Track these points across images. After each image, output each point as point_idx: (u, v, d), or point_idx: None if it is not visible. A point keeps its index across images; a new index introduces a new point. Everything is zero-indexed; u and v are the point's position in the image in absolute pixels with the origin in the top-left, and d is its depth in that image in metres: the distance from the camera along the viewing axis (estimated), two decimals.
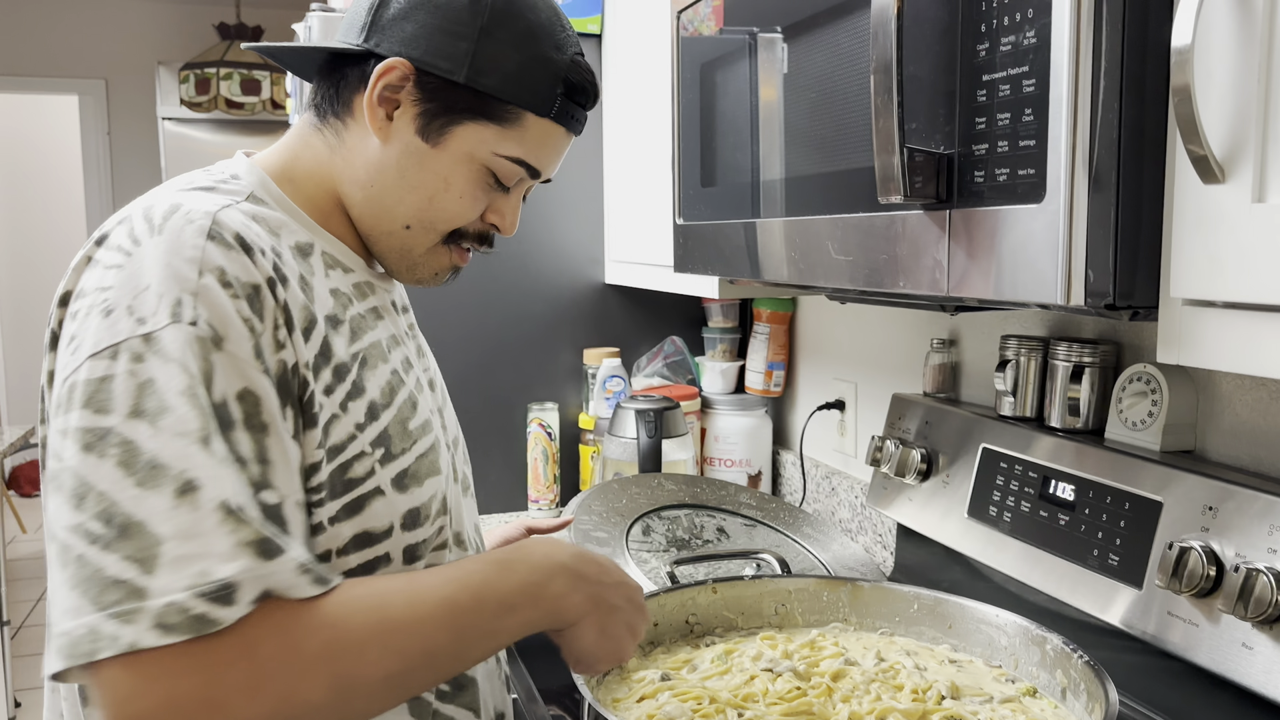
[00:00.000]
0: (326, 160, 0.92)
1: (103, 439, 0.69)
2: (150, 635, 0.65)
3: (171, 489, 0.68)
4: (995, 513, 1.26)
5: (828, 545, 1.49)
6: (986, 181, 0.78)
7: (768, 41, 1.14)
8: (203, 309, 0.73)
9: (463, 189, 0.91)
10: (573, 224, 2.08)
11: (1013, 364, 1.29)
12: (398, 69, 0.87)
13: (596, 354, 2.06)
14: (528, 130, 0.91)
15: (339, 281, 0.89)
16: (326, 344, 0.82)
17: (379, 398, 0.86)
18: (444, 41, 0.87)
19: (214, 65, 4.63)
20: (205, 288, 0.74)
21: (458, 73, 0.87)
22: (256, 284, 0.77)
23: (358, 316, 0.89)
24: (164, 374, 0.71)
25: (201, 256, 0.75)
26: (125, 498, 0.68)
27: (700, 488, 1.54)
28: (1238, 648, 0.93)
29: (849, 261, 0.98)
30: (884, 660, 1.05)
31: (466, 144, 0.89)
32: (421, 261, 0.95)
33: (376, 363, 0.88)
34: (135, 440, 0.69)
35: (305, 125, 0.95)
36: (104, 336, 0.73)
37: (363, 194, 0.91)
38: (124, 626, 0.65)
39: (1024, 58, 0.73)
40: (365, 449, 0.84)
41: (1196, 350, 0.70)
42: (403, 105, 0.89)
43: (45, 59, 5.25)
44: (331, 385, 0.82)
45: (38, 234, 6.74)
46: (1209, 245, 0.67)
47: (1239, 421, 1.07)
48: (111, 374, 0.71)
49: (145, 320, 0.72)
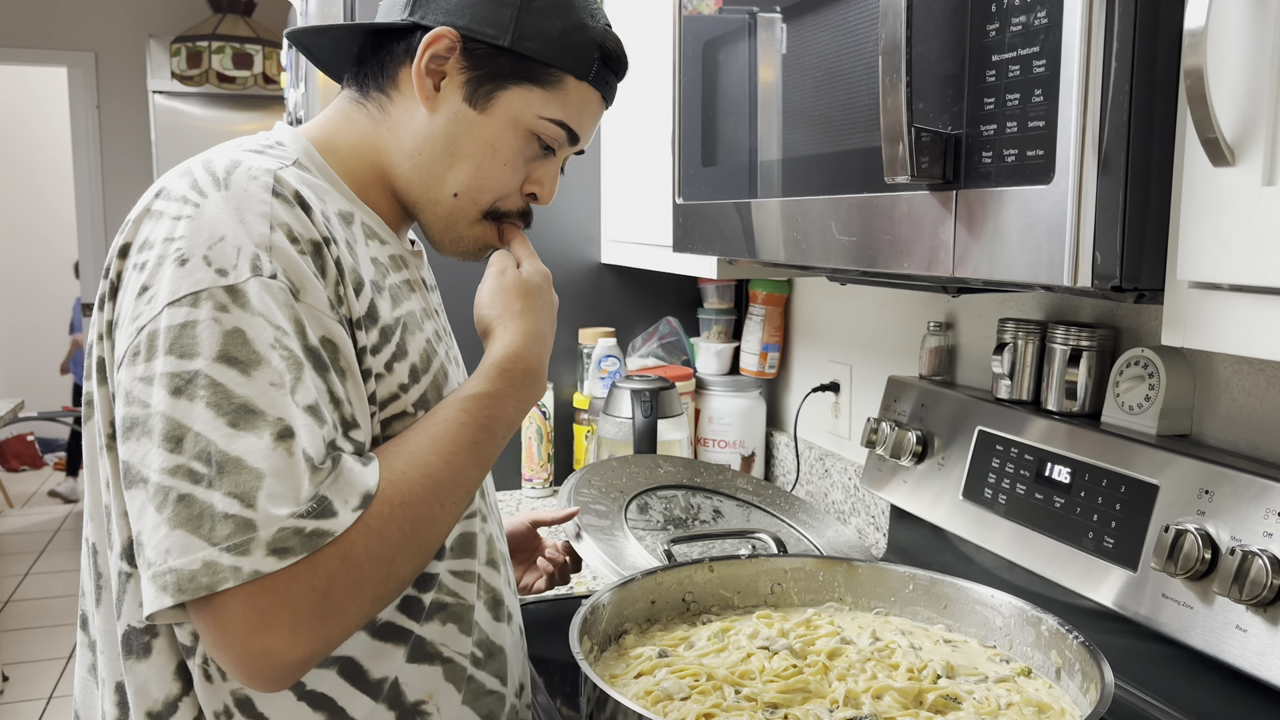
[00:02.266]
0: (371, 133, 0.95)
1: (190, 382, 0.72)
2: (269, 561, 0.70)
3: (270, 432, 0.72)
4: (990, 495, 1.27)
5: (822, 531, 1.50)
6: (994, 162, 0.78)
7: (767, 21, 1.14)
8: (278, 263, 0.77)
9: (508, 155, 0.94)
10: (569, 203, 2.08)
11: (1010, 347, 1.29)
12: (445, 38, 0.90)
13: (592, 334, 2.05)
14: (569, 93, 0.94)
15: (376, 251, 0.92)
16: (373, 305, 0.86)
17: (419, 363, 0.90)
18: (488, 9, 0.91)
19: (206, 39, 4.60)
20: (277, 243, 0.77)
21: (503, 38, 0.91)
22: (317, 241, 0.80)
23: (395, 286, 0.91)
24: (252, 326, 0.74)
25: (270, 212, 0.78)
26: (219, 437, 0.71)
27: (697, 470, 1.54)
28: (1231, 630, 0.94)
29: (852, 242, 0.98)
30: (879, 640, 1.05)
31: (512, 108, 0.93)
32: (465, 234, 0.98)
33: (414, 330, 0.91)
34: (225, 384, 0.72)
35: (345, 100, 0.97)
36: (182, 285, 0.75)
37: (410, 163, 0.94)
38: (241, 558, 0.69)
39: (1034, 38, 0.73)
40: (408, 409, 0.87)
41: (1202, 333, 0.70)
42: (449, 74, 0.92)
43: (34, 30, 5.19)
44: (379, 345, 0.85)
45: (26, 208, 6.69)
46: (1217, 228, 0.67)
47: (1236, 406, 1.08)
48: (194, 319, 0.74)
49: (227, 272, 0.75)
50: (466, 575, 0.93)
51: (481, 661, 0.95)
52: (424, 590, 0.89)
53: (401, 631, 0.88)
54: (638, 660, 1.01)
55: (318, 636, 0.73)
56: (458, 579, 0.92)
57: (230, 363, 0.73)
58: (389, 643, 0.87)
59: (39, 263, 6.68)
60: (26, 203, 6.68)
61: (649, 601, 1.11)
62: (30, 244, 6.67)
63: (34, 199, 6.68)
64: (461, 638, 0.92)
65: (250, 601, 0.70)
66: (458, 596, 0.92)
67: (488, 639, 0.95)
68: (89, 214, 5.37)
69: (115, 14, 5.28)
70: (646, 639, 1.07)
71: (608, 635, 1.05)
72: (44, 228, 6.65)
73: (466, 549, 0.94)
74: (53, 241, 6.63)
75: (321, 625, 0.73)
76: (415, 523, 0.79)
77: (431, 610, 0.90)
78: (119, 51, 5.29)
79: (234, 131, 4.95)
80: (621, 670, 1.00)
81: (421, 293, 0.97)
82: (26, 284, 6.68)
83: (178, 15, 5.30)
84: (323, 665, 0.84)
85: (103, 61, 5.30)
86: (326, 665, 0.84)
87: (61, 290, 6.61)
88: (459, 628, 0.92)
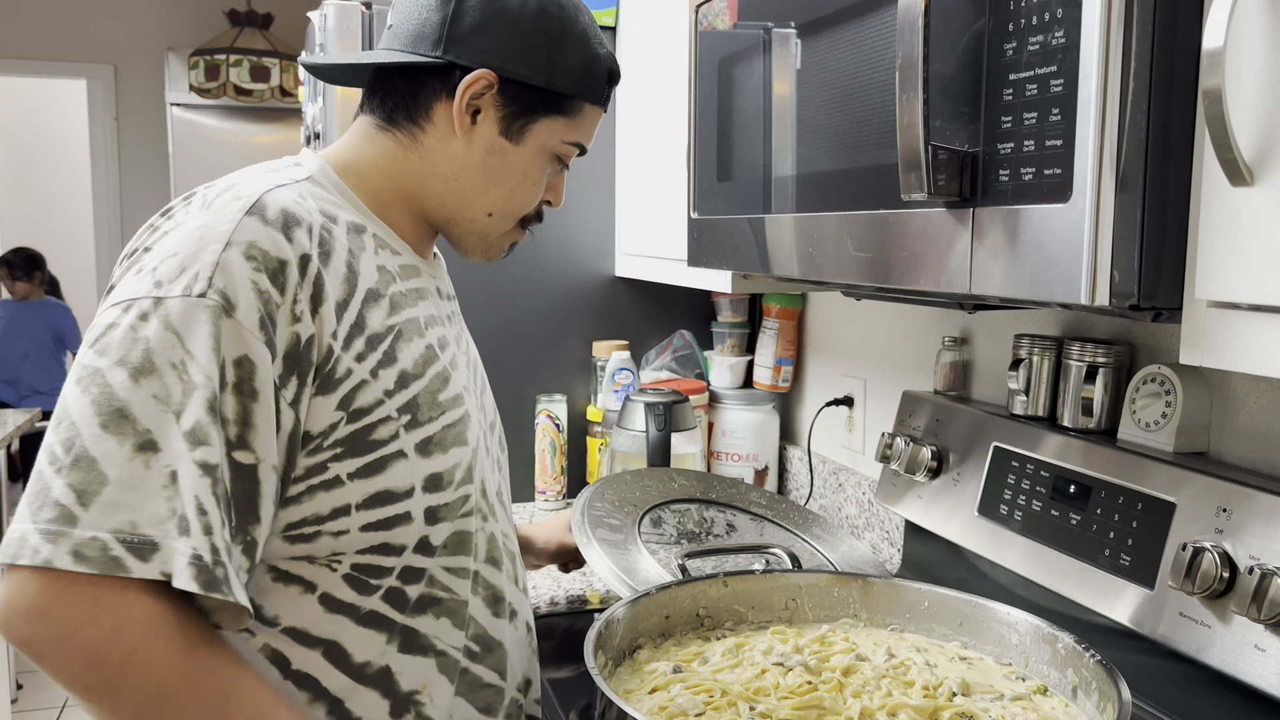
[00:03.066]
0: (400, 159, 1.01)
1: (91, 376, 0.78)
2: (65, 559, 0.73)
3: (132, 442, 0.76)
4: (1006, 511, 1.26)
5: (836, 546, 1.50)
6: (1011, 180, 0.78)
7: (782, 37, 1.14)
8: (220, 279, 0.80)
9: (537, 177, 1.04)
10: (583, 217, 2.08)
11: (1026, 363, 1.29)
12: (484, 79, 0.97)
13: (605, 346, 2.06)
14: (586, 117, 1.05)
15: (386, 260, 0.97)
16: (361, 316, 0.89)
17: (411, 368, 0.93)
18: (523, 51, 0.98)
19: (224, 52, 4.63)
20: (228, 260, 0.81)
21: (537, 78, 0.99)
22: (284, 260, 0.83)
23: (399, 294, 0.96)
24: (160, 341, 0.78)
25: (233, 230, 0.83)
26: (89, 433, 0.75)
27: (711, 484, 1.54)
28: (1250, 649, 0.93)
29: (868, 258, 0.98)
30: (894, 656, 1.05)
31: (541, 137, 1.02)
32: (496, 243, 1.07)
33: (412, 337, 0.94)
34: (113, 386, 0.77)
35: (369, 126, 1.03)
36: (126, 291, 0.82)
37: (445, 186, 1.01)
38: (45, 543, 0.73)
39: (1052, 57, 0.74)
40: (391, 414, 0.90)
41: (1220, 352, 0.70)
42: (484, 109, 0.99)
43: (54, 43, 5.24)
44: (364, 353, 0.89)
45: (44, 219, 6.74)
46: (1235, 248, 0.67)
47: (1253, 424, 1.07)
48: (117, 323, 0.79)
49: (161, 285, 0.81)
50: (461, 572, 0.97)
51: (478, 655, 0.98)
52: (410, 583, 0.93)
53: (385, 620, 0.92)
54: (652, 675, 1.01)
55: (43, 658, 0.75)
56: (451, 575, 0.96)
57: (124, 366, 0.77)
58: (372, 629, 0.91)
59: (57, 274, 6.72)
60: (45, 213, 6.74)
61: (663, 616, 1.11)
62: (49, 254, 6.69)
63: (52, 210, 6.73)
64: (455, 631, 0.96)
65: (33, 581, 0.73)
66: (451, 592, 0.96)
67: (485, 634, 0.99)
68: (106, 225, 5.41)
69: (134, 27, 5.33)
70: (661, 654, 1.07)
71: (622, 650, 1.05)
72: (62, 238, 6.70)
73: (460, 547, 0.97)
74: (70, 252, 6.67)
75: (58, 645, 0.74)
76: (172, 712, 0.77)
77: (422, 603, 0.94)
78: (138, 64, 5.34)
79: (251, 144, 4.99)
80: (636, 685, 1.00)
81: (433, 300, 1.02)
82: None
83: (196, 28, 5.35)
84: (308, 646, 0.89)
85: (122, 74, 5.35)
86: (312, 646, 0.89)
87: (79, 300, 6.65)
88: (452, 621, 0.96)
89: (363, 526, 0.89)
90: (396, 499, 0.90)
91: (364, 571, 0.91)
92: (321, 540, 0.88)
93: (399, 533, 0.91)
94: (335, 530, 0.89)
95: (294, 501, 0.87)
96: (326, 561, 0.89)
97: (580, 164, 2.05)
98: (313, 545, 0.88)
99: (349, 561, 0.90)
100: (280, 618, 0.88)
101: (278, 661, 0.88)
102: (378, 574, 0.91)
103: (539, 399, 2.04)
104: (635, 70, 1.96)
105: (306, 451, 0.86)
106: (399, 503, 0.90)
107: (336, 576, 0.90)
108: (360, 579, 0.91)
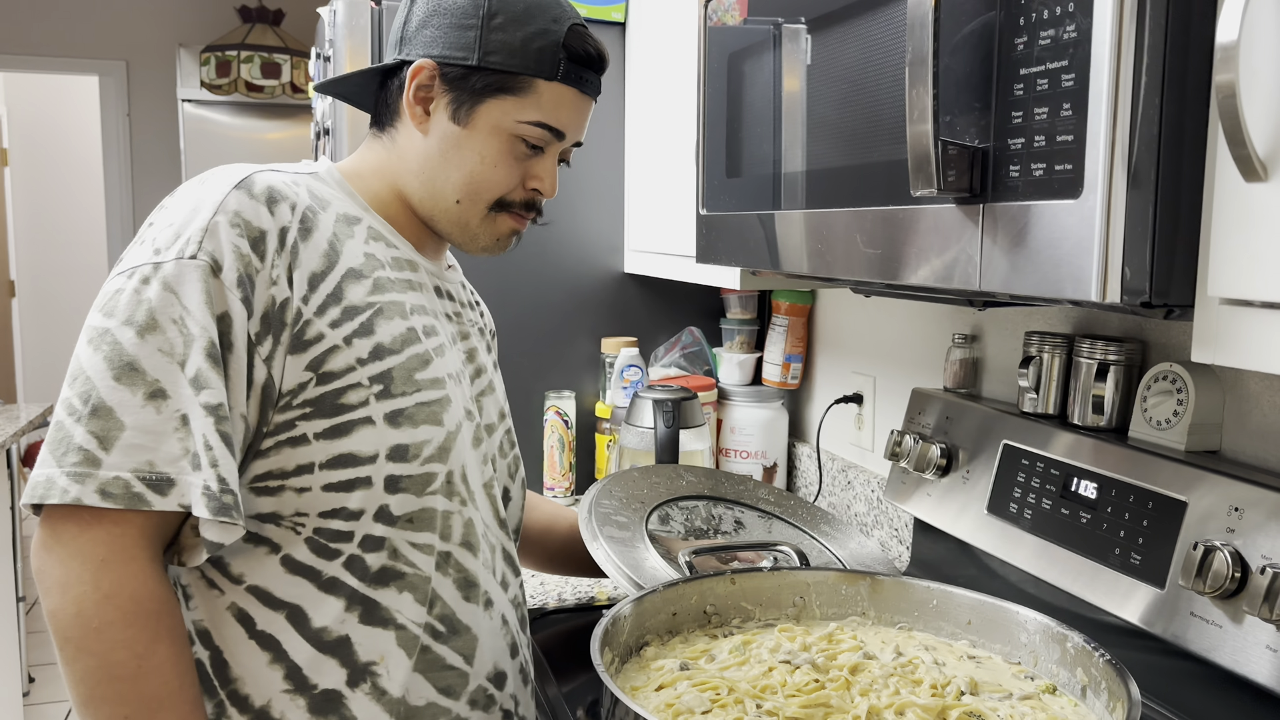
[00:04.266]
0: (386, 160, 1.08)
1: (100, 335, 0.87)
2: (93, 497, 0.83)
3: (143, 390, 0.85)
4: (1015, 509, 1.26)
5: (845, 543, 1.49)
6: (1022, 176, 0.77)
7: (792, 32, 1.14)
8: (209, 242, 0.89)
9: (496, 159, 1.05)
10: (592, 213, 2.08)
11: (1036, 360, 1.28)
12: (424, 68, 1.03)
13: (614, 343, 2.05)
14: (541, 95, 1.04)
15: (378, 250, 1.02)
16: (340, 288, 0.96)
17: (388, 343, 0.98)
18: (456, 35, 1.02)
19: (235, 48, 4.64)
20: (216, 224, 0.90)
21: (471, 58, 1.02)
22: (264, 230, 0.92)
23: (386, 279, 1.01)
24: (161, 300, 0.87)
25: (222, 200, 0.92)
26: (104, 385, 0.85)
27: (719, 480, 1.54)
28: (1261, 649, 0.92)
29: (878, 255, 0.97)
30: (902, 655, 1.05)
31: (492, 118, 1.03)
32: (479, 231, 1.08)
33: (394, 316, 0.99)
34: (123, 343, 0.86)
35: (369, 137, 1.11)
36: (130, 260, 0.91)
37: (417, 181, 1.06)
38: (73, 484, 0.83)
39: (1064, 52, 0.73)
40: (363, 381, 0.96)
41: (1233, 350, 0.69)
42: (435, 98, 1.04)
43: (66, 40, 5.26)
44: (338, 321, 0.95)
45: (57, 214, 6.76)
46: (1249, 244, 0.66)
47: (1266, 422, 1.07)
48: (123, 289, 0.89)
49: (159, 251, 0.90)
50: (426, 548, 1.00)
51: (442, 635, 1.01)
52: (370, 551, 0.97)
53: (345, 587, 0.96)
54: (659, 672, 1.01)
55: (45, 595, 0.85)
56: (416, 550, 0.99)
57: (131, 324, 0.87)
58: (331, 595, 0.95)
59: (70, 269, 6.76)
60: (58, 208, 6.76)
61: (670, 613, 1.10)
62: (61, 249, 6.75)
63: (65, 205, 6.76)
64: (416, 607, 0.99)
65: (62, 519, 0.85)
66: (415, 567, 0.99)
67: (452, 615, 1.02)
68: (119, 220, 5.43)
69: (146, 24, 5.34)
70: (668, 651, 1.07)
71: (629, 647, 1.05)
72: (75, 233, 6.73)
73: (426, 523, 1.00)
74: (83, 247, 6.71)
75: (53, 593, 0.85)
76: (120, 663, 0.86)
77: (384, 575, 0.97)
78: (150, 60, 5.35)
79: (262, 140, 4.99)
80: (642, 682, 1.00)
81: (427, 295, 1.07)
82: (58, 289, 6.76)
83: (207, 25, 5.36)
84: (273, 608, 0.94)
85: (134, 70, 5.36)
86: (276, 609, 0.94)
87: (91, 296, 6.68)
88: (414, 597, 0.99)
89: (324, 486, 0.94)
90: (359, 463, 0.95)
91: (325, 536, 0.95)
92: (285, 495, 0.94)
93: (359, 496, 0.95)
94: (298, 486, 0.94)
95: (262, 455, 0.94)
96: (291, 524, 0.95)
97: (589, 161, 2.05)
98: (278, 500, 0.94)
99: (311, 525, 0.95)
100: (245, 575, 0.94)
101: (243, 620, 0.94)
102: (339, 539, 0.96)
103: (548, 395, 2.04)
104: (644, 66, 1.95)
105: (277, 408, 0.93)
106: (361, 466, 0.95)
107: (299, 540, 0.95)
108: (322, 544, 0.95)
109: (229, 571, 0.95)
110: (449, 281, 1.14)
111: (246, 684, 0.94)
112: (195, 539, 0.90)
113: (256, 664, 0.94)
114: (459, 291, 1.16)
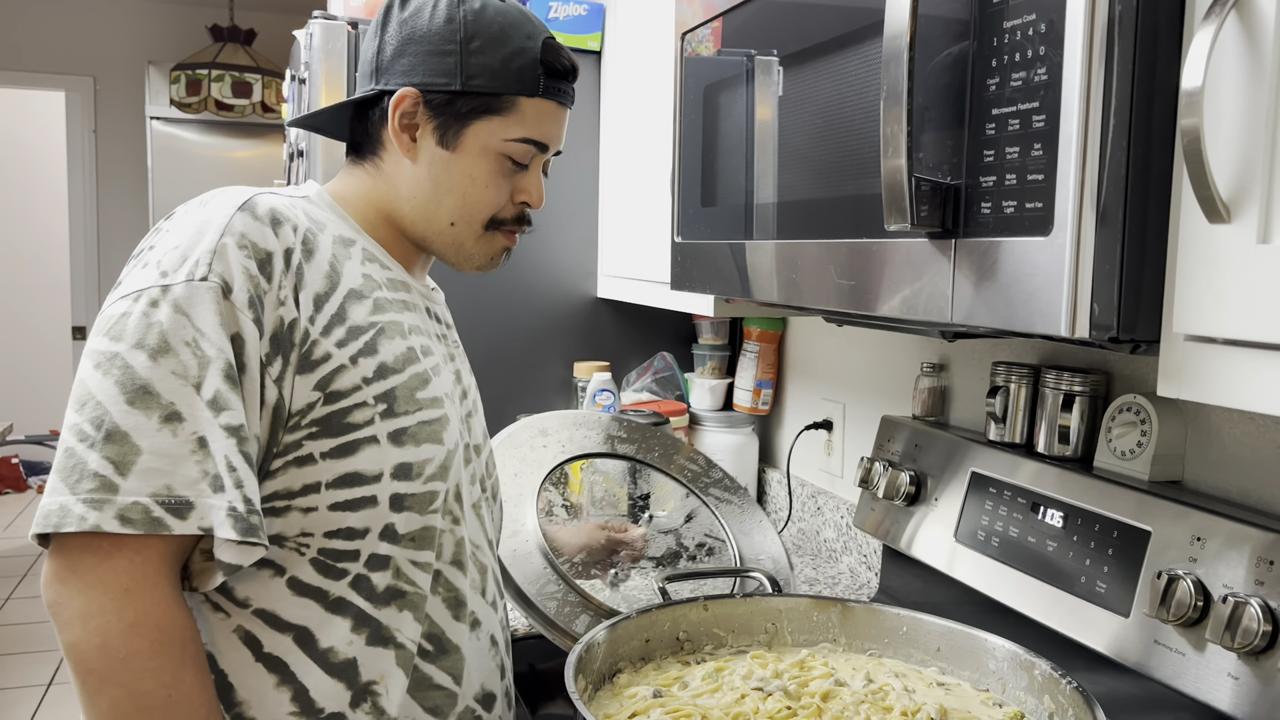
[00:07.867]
0: (372, 188, 1.09)
1: (109, 360, 0.85)
2: (112, 523, 0.81)
3: (158, 414, 0.84)
4: (983, 537, 1.27)
5: (750, 534, 1.50)
6: (993, 213, 0.79)
7: (765, 64, 1.16)
8: (218, 264, 0.89)
9: (487, 179, 1.06)
10: (566, 238, 2.09)
11: (1003, 390, 1.30)
12: (407, 97, 1.03)
13: (587, 367, 2.06)
14: (525, 112, 1.06)
15: (373, 271, 1.03)
16: (343, 309, 0.97)
17: (391, 362, 0.99)
18: (435, 62, 1.03)
19: (206, 66, 4.62)
20: (224, 246, 0.90)
21: (454, 83, 1.03)
22: (270, 251, 0.92)
23: (384, 299, 1.02)
24: (172, 323, 0.86)
25: (228, 223, 0.91)
26: (116, 410, 0.84)
27: (635, 432, 1.54)
28: (1223, 677, 0.94)
29: (850, 286, 0.99)
30: (873, 681, 1.05)
31: (479, 140, 1.05)
32: (475, 251, 1.10)
33: (394, 336, 1.00)
34: (134, 366, 0.85)
35: (348, 166, 1.12)
36: (133, 284, 0.90)
37: (409, 206, 1.07)
38: (90, 510, 0.81)
39: (1034, 93, 0.75)
40: (369, 400, 0.96)
41: (1197, 385, 0.71)
42: (420, 125, 1.05)
43: (33, 54, 5.21)
44: (344, 340, 0.95)
45: (21, 230, 6.66)
46: (1213, 283, 0.68)
47: (1227, 454, 1.09)
48: (129, 312, 0.87)
49: (167, 274, 0.89)
50: (424, 566, 1.00)
51: (430, 655, 1.01)
52: (376, 570, 0.97)
53: (352, 608, 0.96)
54: (632, 700, 1.01)
55: (63, 629, 0.83)
56: (415, 568, 0.99)
57: (142, 348, 0.85)
58: (339, 616, 0.95)
59: (32, 286, 6.66)
60: (21, 226, 6.67)
61: (644, 640, 1.11)
62: (24, 266, 6.65)
63: (29, 222, 6.66)
64: (413, 625, 0.99)
65: (77, 548, 0.83)
66: (415, 586, 0.99)
67: (441, 635, 1.01)
68: (82, 238, 5.36)
69: (114, 40, 5.30)
70: (641, 678, 1.07)
71: (602, 674, 1.05)
72: (38, 251, 6.63)
73: (426, 541, 1.00)
74: (46, 265, 6.61)
75: (73, 625, 0.83)
76: (147, 687, 0.84)
77: (388, 594, 0.98)
78: (118, 77, 5.31)
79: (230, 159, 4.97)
80: (615, 710, 1.00)
81: (419, 315, 1.08)
82: (19, 307, 6.65)
83: (176, 43, 5.33)
84: (281, 630, 0.93)
85: (101, 86, 5.32)
86: (284, 631, 0.93)
87: (54, 314, 6.59)
88: (413, 615, 0.99)
89: (330, 505, 0.94)
90: (365, 481, 0.95)
91: (331, 556, 0.95)
92: (291, 516, 0.94)
93: (364, 515, 0.95)
94: (304, 506, 0.94)
95: (270, 476, 0.93)
96: (295, 545, 0.94)
97: (563, 185, 2.06)
98: (284, 521, 0.93)
99: (316, 545, 0.94)
100: (251, 599, 0.93)
101: (250, 643, 0.93)
102: (344, 558, 0.95)
103: (519, 418, 2.04)
104: (620, 94, 1.97)
105: (287, 428, 0.93)
106: (366, 485, 0.95)
107: (304, 560, 0.94)
108: (327, 564, 0.95)
109: (234, 595, 0.93)
110: (435, 303, 1.15)
111: (253, 707, 0.93)
112: (205, 563, 0.89)
113: (263, 686, 0.93)
114: (444, 313, 1.17)
